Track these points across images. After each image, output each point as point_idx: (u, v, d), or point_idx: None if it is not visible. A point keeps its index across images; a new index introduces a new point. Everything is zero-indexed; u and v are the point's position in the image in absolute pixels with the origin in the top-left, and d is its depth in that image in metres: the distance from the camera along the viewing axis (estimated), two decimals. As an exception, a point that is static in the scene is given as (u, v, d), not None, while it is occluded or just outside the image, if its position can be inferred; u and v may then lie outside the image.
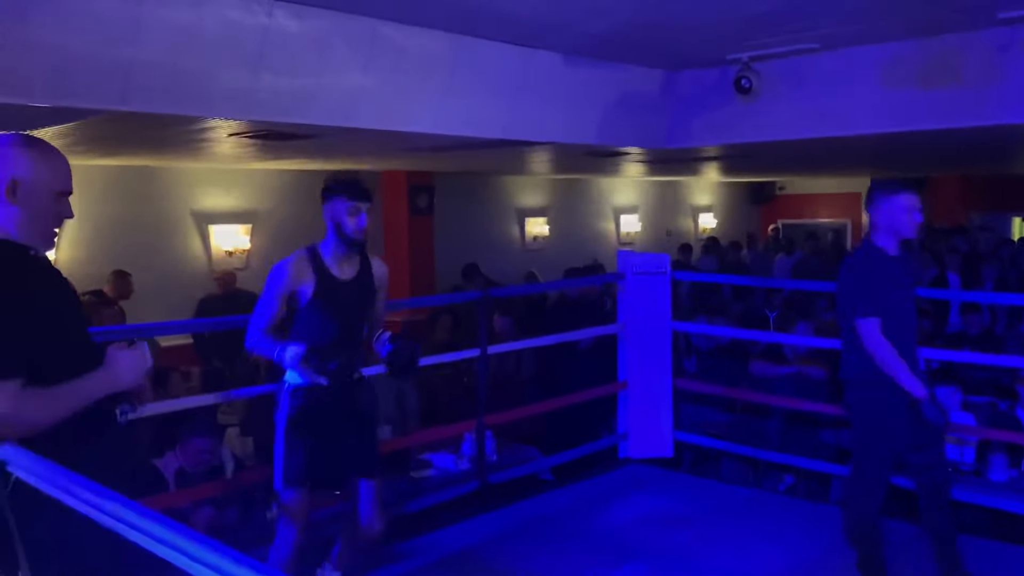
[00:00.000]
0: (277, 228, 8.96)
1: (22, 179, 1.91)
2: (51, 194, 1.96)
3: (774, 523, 4.41)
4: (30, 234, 1.95)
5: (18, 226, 1.92)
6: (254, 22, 4.03)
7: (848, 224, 14.89)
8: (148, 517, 1.15)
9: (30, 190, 1.92)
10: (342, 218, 3.12)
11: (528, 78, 5.42)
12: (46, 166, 1.96)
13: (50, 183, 1.95)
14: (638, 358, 4.92)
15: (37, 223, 1.95)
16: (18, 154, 1.93)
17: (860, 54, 5.32)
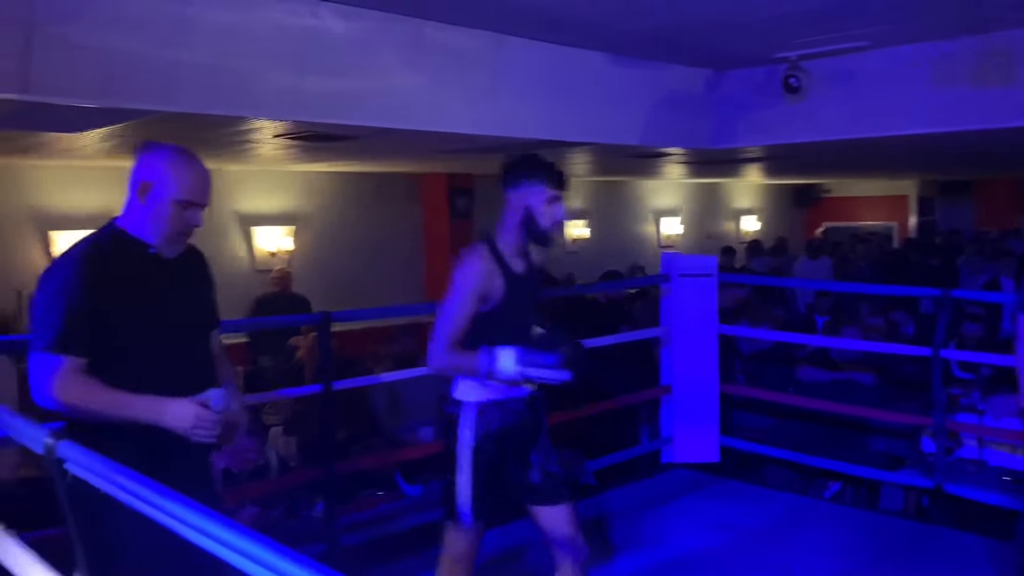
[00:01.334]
0: (319, 230, 9.03)
1: (150, 183, 2.10)
2: (169, 201, 2.10)
3: (821, 530, 4.32)
4: (150, 234, 2.12)
5: (141, 224, 2.11)
6: (300, 23, 4.05)
7: (895, 227, 14.61)
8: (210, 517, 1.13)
9: (154, 194, 2.09)
10: (538, 207, 2.69)
11: (571, 78, 5.38)
12: (173, 176, 2.11)
13: (171, 191, 2.10)
14: (683, 362, 4.84)
15: (157, 225, 2.11)
16: (155, 161, 2.12)
17: (910, 52, 5.21)
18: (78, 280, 2.00)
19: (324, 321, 3.37)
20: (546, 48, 5.16)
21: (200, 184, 2.16)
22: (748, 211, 14.71)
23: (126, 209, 2.14)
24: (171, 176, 2.10)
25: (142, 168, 2.12)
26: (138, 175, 2.11)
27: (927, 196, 14.61)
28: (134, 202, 2.12)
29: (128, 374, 2.03)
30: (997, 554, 3.97)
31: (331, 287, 8.57)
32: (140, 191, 2.10)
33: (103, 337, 2.00)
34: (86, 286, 2.00)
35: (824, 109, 5.61)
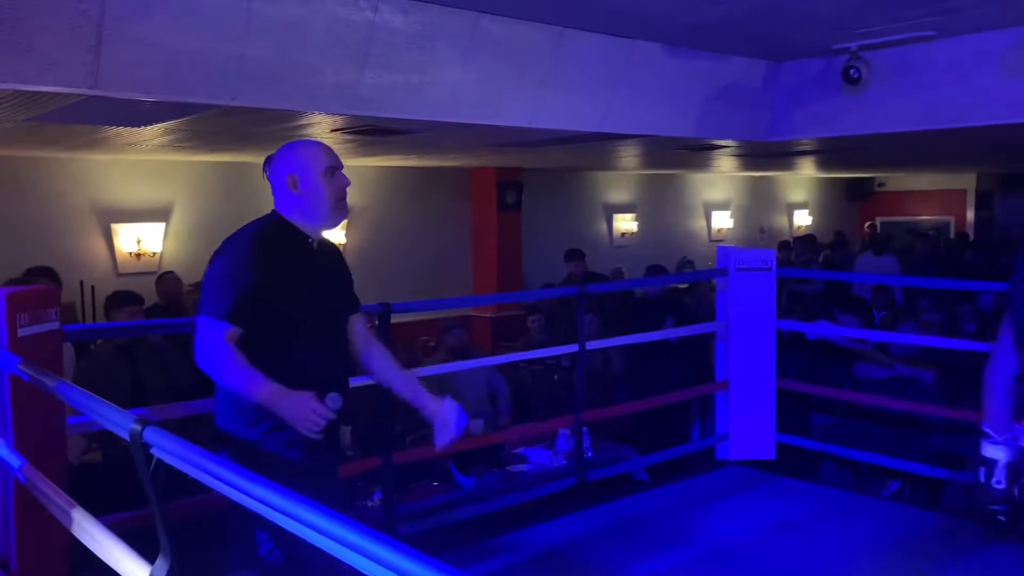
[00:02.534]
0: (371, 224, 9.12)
1: (296, 173, 2.34)
2: (318, 176, 2.34)
3: (881, 528, 4.24)
4: (311, 218, 2.36)
5: (299, 212, 2.35)
6: (360, 17, 4.07)
7: (951, 222, 14.25)
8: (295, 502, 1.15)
9: (304, 179, 2.33)
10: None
11: (626, 70, 5.34)
12: (307, 156, 2.36)
13: (315, 168, 2.34)
14: (740, 357, 4.79)
15: (319, 203, 2.34)
16: (287, 156, 2.37)
17: (978, 41, 5.05)
18: (250, 259, 2.24)
19: (384, 312, 3.40)
20: (603, 40, 5.13)
21: (329, 150, 2.41)
22: (800, 205, 14.47)
23: (281, 203, 2.39)
24: (307, 157, 2.35)
25: (280, 169, 2.37)
26: (280, 174, 2.36)
27: (986, 190, 14.22)
28: (289, 197, 2.36)
29: (283, 351, 2.25)
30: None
31: (382, 280, 8.64)
32: (291, 185, 2.34)
33: (265, 314, 2.22)
34: (256, 265, 2.23)
35: (885, 101, 5.48)
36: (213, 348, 2.19)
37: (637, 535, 4.11)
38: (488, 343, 9.09)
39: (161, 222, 7.95)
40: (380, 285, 8.41)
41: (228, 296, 2.20)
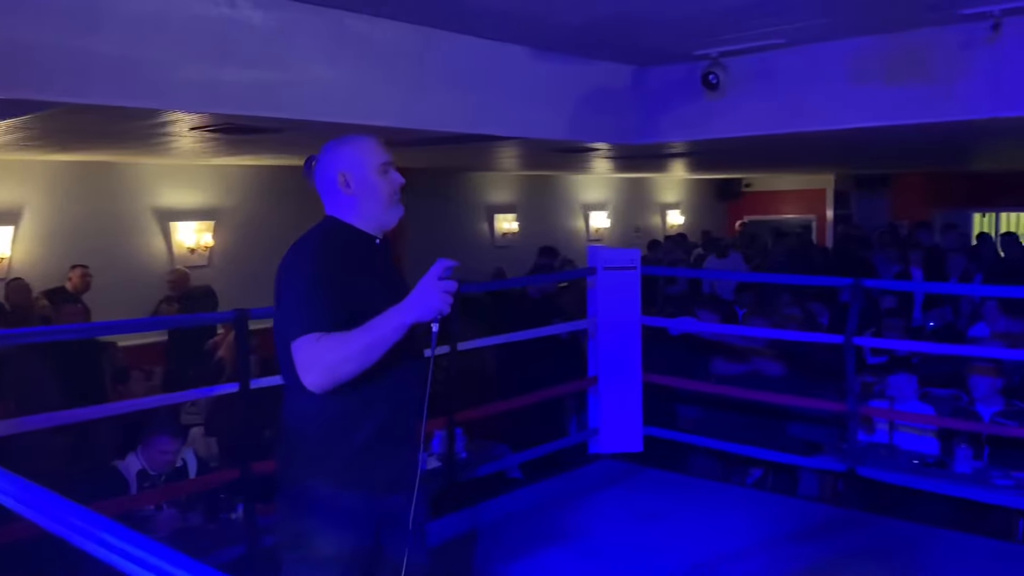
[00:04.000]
0: (241, 225, 8.82)
1: (346, 171, 2.20)
2: (371, 172, 2.22)
3: (744, 516, 4.42)
4: (368, 218, 2.24)
5: (355, 212, 2.23)
6: (216, 13, 3.94)
7: (813, 220, 15.04)
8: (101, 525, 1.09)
9: (356, 177, 2.21)
10: None
11: (496, 72, 5.38)
12: (358, 152, 2.23)
13: (367, 163, 2.22)
14: (608, 353, 4.90)
15: (373, 200, 2.22)
16: (335, 153, 2.24)
17: (827, 49, 5.35)
18: (322, 275, 2.09)
19: (240, 318, 3.29)
20: (472, 41, 5.15)
21: (381, 145, 2.28)
22: (673, 205, 14.96)
23: (334, 206, 2.25)
24: (357, 153, 2.23)
25: (329, 167, 2.23)
26: (330, 173, 2.22)
27: (843, 190, 15.08)
28: (340, 197, 2.22)
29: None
30: (907, 535, 4.13)
31: (254, 284, 8.38)
32: (342, 184, 2.21)
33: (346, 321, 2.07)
34: (331, 280, 2.09)
35: (742, 105, 5.73)
36: (314, 357, 2.02)
37: (509, 533, 4.14)
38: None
39: (9, 225, 7.45)
40: (251, 289, 8.14)
41: (308, 313, 2.05)
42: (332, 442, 2.16)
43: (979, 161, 11.51)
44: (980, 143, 7.92)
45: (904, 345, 5.22)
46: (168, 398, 3.77)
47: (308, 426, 2.18)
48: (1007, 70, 4.68)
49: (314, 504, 2.17)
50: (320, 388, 2.03)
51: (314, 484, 2.16)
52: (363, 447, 2.18)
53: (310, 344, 2.01)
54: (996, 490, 4.12)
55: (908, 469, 4.38)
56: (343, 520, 2.17)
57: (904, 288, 6.72)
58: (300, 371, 2.03)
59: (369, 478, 2.20)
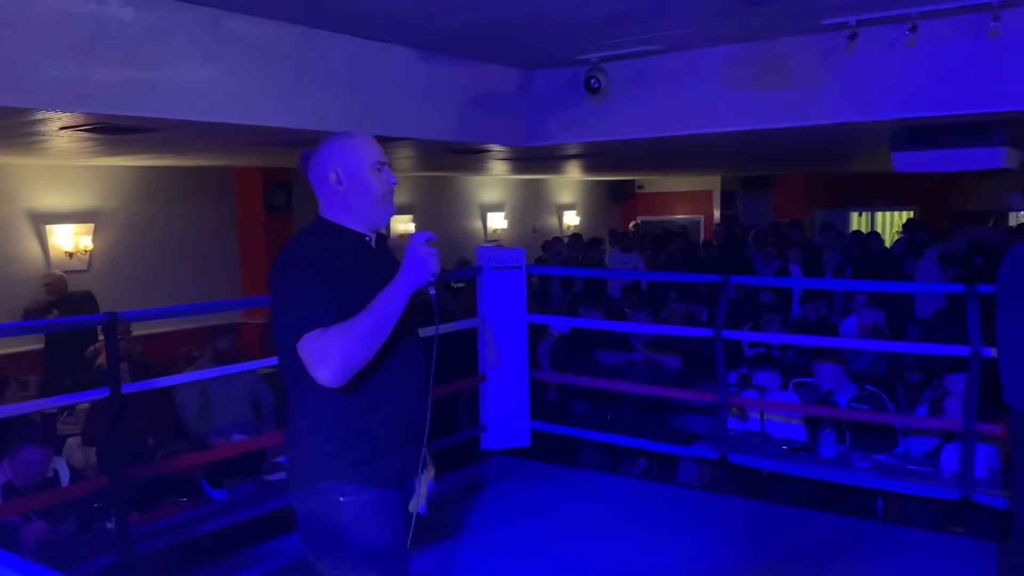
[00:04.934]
0: (123, 228, 8.52)
1: (338, 168, 2.18)
2: (367, 170, 2.19)
3: (629, 506, 4.58)
4: (359, 216, 2.21)
5: (346, 210, 2.20)
6: (83, 10, 3.83)
7: (701, 220, 15.56)
8: None
9: (348, 174, 2.18)
10: None
11: (383, 73, 5.38)
12: (351, 149, 2.21)
13: (363, 160, 2.19)
14: (496, 351, 4.98)
15: (364, 198, 2.19)
16: (330, 149, 2.22)
17: (701, 56, 5.58)
18: (310, 269, 2.07)
19: (111, 322, 3.22)
20: (357, 42, 5.14)
21: (376, 145, 2.25)
22: (569, 206, 15.21)
23: (326, 203, 2.22)
24: (351, 151, 2.20)
25: (322, 163, 2.20)
26: (323, 170, 2.20)
27: (730, 191, 15.67)
28: (332, 194, 2.20)
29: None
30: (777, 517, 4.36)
31: (137, 288, 8.13)
32: (334, 181, 2.18)
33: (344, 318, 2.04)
34: (319, 276, 2.05)
35: (624, 109, 5.90)
36: (325, 349, 1.98)
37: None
38: (259, 350, 8.79)
39: None
40: (135, 293, 7.91)
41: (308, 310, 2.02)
42: (348, 438, 2.13)
43: (853, 163, 12.15)
44: (847, 146, 8.37)
45: (774, 338, 5.50)
46: (29, 405, 3.63)
47: (321, 426, 2.14)
48: (864, 77, 4.99)
49: (343, 504, 2.13)
50: (336, 379, 2.01)
51: (338, 483, 2.13)
52: (378, 438, 2.16)
53: (317, 339, 1.99)
54: (857, 472, 4.39)
55: (777, 455, 4.63)
56: (375, 515, 2.15)
57: (775, 284, 7.06)
58: (313, 367, 1.99)
59: (388, 469, 2.18)
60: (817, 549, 3.99)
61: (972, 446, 3.93)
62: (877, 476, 4.28)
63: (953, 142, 5.30)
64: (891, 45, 4.79)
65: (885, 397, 4.78)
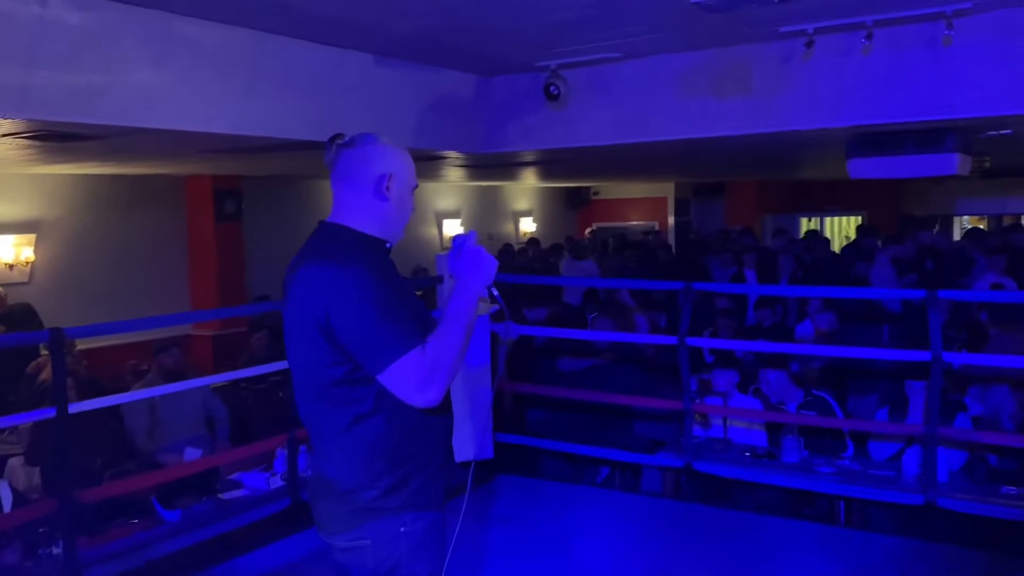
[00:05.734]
0: (67, 238, 8.24)
1: (392, 174, 2.07)
2: (409, 188, 2.13)
3: (592, 516, 4.53)
4: (389, 227, 2.12)
5: (378, 217, 2.09)
6: (24, 12, 3.66)
7: (656, 226, 15.67)
8: None
9: (398, 184, 2.08)
10: None
11: (339, 79, 5.27)
12: (406, 165, 2.13)
13: (409, 178, 2.13)
14: (456, 362, 4.90)
15: (401, 214, 2.12)
16: (386, 151, 2.09)
17: (660, 63, 5.57)
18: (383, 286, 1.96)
19: (56, 338, 3.06)
20: (312, 47, 5.02)
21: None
22: (525, 212, 15.20)
23: (353, 207, 2.08)
24: (405, 164, 2.13)
25: (376, 161, 2.07)
26: (373, 170, 2.07)
27: (683, 198, 15.81)
28: (370, 196, 2.07)
29: None
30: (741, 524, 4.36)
31: (82, 301, 7.86)
32: (386, 185, 2.07)
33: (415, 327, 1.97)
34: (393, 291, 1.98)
35: (582, 116, 5.88)
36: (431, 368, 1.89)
37: (357, 550, 4.06)
38: (210, 364, 8.58)
39: None
40: (79, 306, 7.65)
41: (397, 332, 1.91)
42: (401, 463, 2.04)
43: (805, 170, 12.34)
44: (802, 153, 8.48)
45: (737, 345, 5.50)
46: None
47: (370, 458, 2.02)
48: (820, 84, 5.03)
49: (402, 535, 2.06)
50: (440, 397, 1.94)
51: (396, 515, 2.05)
52: (426, 460, 2.09)
53: (418, 359, 1.89)
54: (819, 477, 4.40)
55: (741, 462, 4.62)
56: (431, 542, 2.10)
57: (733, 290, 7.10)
58: (417, 389, 1.90)
59: (436, 491, 2.13)
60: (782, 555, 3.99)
61: (934, 451, 3.96)
62: (840, 482, 4.30)
63: (907, 149, 5.36)
64: (847, 52, 4.83)
65: (831, 400, 4.82)
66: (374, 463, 2.02)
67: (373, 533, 2.04)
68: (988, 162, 9.19)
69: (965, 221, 15.87)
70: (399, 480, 2.03)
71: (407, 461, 2.04)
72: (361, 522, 2.04)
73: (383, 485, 2.03)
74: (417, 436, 2.05)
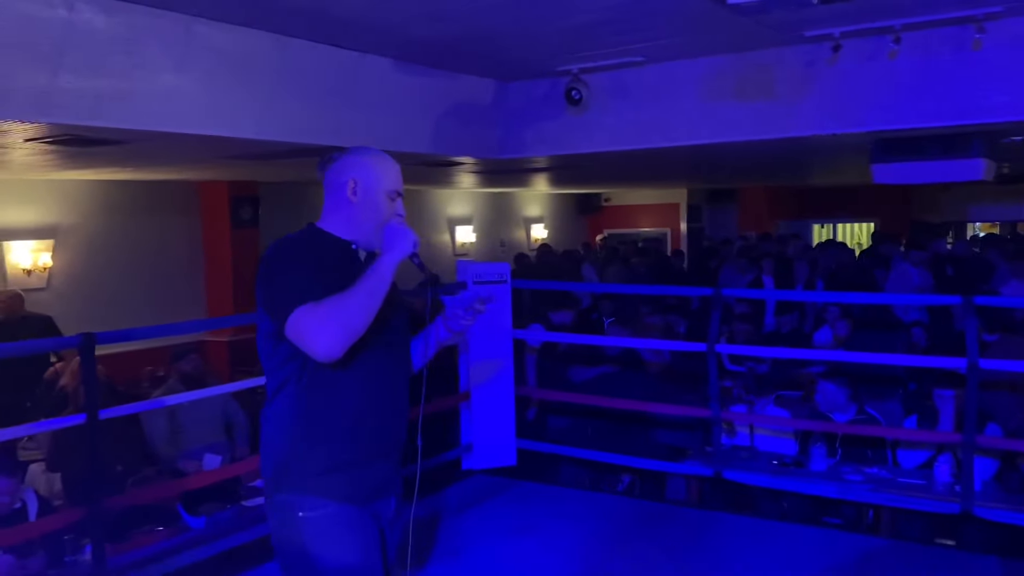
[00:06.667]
0: (84, 244, 8.24)
1: (359, 179, 2.18)
2: (382, 192, 2.19)
3: (613, 524, 4.47)
4: (356, 229, 2.19)
5: (347, 221, 2.20)
6: (52, 16, 3.65)
7: (668, 232, 15.62)
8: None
9: (364, 188, 2.18)
10: None
11: (358, 83, 5.26)
12: (380, 169, 2.21)
13: (382, 184, 2.20)
14: (480, 368, 4.86)
15: (368, 216, 2.18)
16: (356, 160, 2.22)
17: (681, 67, 5.54)
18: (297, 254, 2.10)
19: (86, 343, 3.04)
20: (332, 51, 5.01)
21: (398, 174, 2.26)
22: (537, 219, 15.16)
23: (330, 212, 2.22)
24: (375, 168, 2.21)
25: (346, 169, 2.20)
26: (344, 176, 2.19)
27: (696, 204, 15.76)
28: (341, 202, 2.20)
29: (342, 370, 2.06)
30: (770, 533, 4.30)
31: (98, 306, 7.85)
32: (350, 190, 2.18)
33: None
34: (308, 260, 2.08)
35: (603, 121, 5.85)
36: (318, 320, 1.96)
37: (382, 557, 4.02)
38: (226, 370, 8.55)
39: None
40: (97, 312, 7.64)
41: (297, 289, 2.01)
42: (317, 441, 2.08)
43: (819, 176, 12.28)
44: (820, 157, 8.43)
45: (759, 351, 5.45)
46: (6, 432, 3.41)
47: (289, 427, 2.09)
48: (847, 89, 4.99)
49: (301, 519, 2.08)
50: (335, 348, 1.98)
51: (297, 497, 2.08)
52: (348, 447, 2.10)
53: (309, 312, 1.97)
54: (848, 485, 4.35)
55: (769, 470, 4.57)
56: (338, 532, 2.08)
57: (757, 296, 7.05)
58: (310, 339, 1.97)
59: (356, 484, 2.12)
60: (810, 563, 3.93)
61: (971, 459, 3.90)
62: (871, 490, 4.24)
63: (933, 154, 5.32)
64: (873, 57, 4.79)
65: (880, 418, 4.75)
66: (281, 439, 2.10)
67: (277, 510, 2.12)
68: (1007, 168, 9.13)
69: (977, 227, 15.80)
70: (310, 456, 2.08)
71: (315, 446, 2.08)
72: (270, 495, 2.14)
73: (284, 463, 2.10)
74: (333, 423, 2.09)
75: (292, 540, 2.08)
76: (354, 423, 2.10)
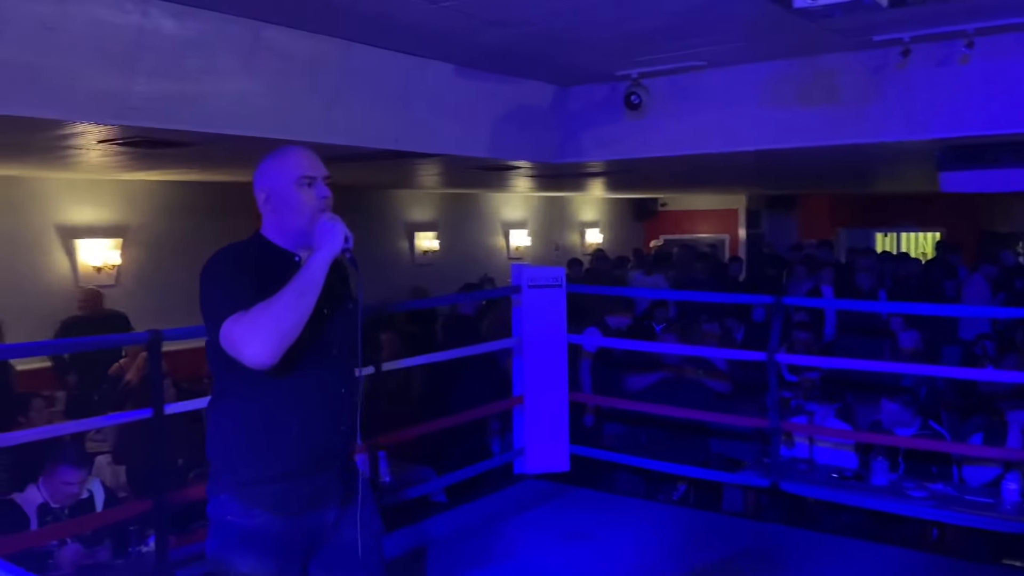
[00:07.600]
0: (150, 243, 8.47)
1: (266, 187, 2.17)
2: (291, 186, 2.14)
3: (668, 533, 4.43)
4: (288, 234, 2.17)
5: (275, 228, 2.18)
6: (126, 21, 3.77)
7: (727, 239, 15.42)
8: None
9: (274, 192, 2.16)
10: None
11: (420, 88, 5.32)
12: (277, 167, 2.17)
13: (287, 177, 2.15)
14: (534, 372, 4.86)
15: (290, 217, 2.15)
16: (260, 169, 2.21)
17: (744, 72, 5.48)
18: (231, 265, 2.09)
19: (154, 340, 3.13)
20: (395, 57, 5.08)
21: (306, 159, 2.19)
22: (591, 224, 15.12)
23: (264, 223, 2.22)
24: (275, 168, 2.17)
25: (256, 182, 2.20)
26: (256, 190, 2.19)
27: (755, 209, 15.53)
28: (267, 215, 2.20)
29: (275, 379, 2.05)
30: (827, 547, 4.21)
31: (163, 304, 8.05)
32: (264, 201, 2.18)
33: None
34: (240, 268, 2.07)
35: (663, 126, 5.81)
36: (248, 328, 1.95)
37: (433, 559, 4.05)
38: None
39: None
40: (162, 309, 7.83)
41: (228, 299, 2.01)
42: (252, 452, 2.11)
43: (881, 183, 12.00)
44: (884, 164, 8.25)
45: (820, 362, 5.35)
46: (76, 425, 3.52)
47: (229, 435, 2.13)
48: (915, 95, 4.87)
49: (229, 523, 2.12)
50: (266, 354, 1.95)
51: (231, 500, 2.12)
52: (283, 459, 2.11)
53: (238, 320, 1.96)
54: (911, 501, 4.23)
55: (828, 483, 4.48)
56: (262, 543, 2.10)
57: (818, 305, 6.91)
58: (241, 347, 1.96)
59: (288, 496, 2.12)
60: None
61: (1041, 478, 3.78)
62: (935, 507, 4.13)
63: (1003, 161, 5.16)
64: (943, 62, 4.68)
65: (946, 434, 4.63)
66: (221, 444, 2.15)
67: (213, 507, 2.16)
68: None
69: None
70: (245, 465, 2.10)
71: (262, 452, 2.10)
72: (211, 493, 2.18)
73: (220, 467, 2.15)
74: (268, 435, 2.10)
75: (218, 537, 2.14)
76: (290, 436, 2.11)
